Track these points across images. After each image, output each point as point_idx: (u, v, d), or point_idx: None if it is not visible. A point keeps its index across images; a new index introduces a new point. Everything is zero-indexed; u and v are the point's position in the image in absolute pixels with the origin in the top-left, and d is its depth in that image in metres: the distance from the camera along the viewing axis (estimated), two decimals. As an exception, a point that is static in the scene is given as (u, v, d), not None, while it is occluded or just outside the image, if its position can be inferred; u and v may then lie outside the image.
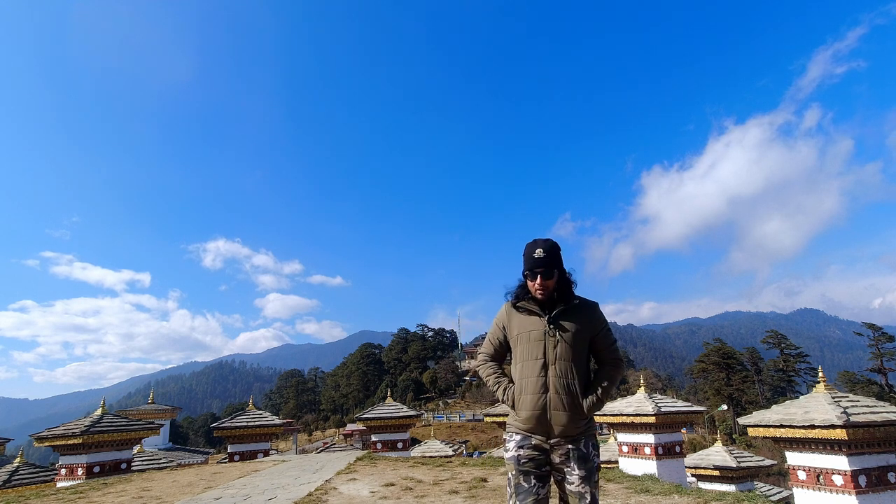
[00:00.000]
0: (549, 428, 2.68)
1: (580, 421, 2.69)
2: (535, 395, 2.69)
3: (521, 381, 2.77)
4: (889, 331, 59.15)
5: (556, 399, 2.66)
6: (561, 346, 2.72)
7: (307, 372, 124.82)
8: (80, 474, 10.56)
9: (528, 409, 2.70)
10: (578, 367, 2.73)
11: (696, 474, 14.59)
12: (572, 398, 2.67)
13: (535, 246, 2.81)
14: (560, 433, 2.68)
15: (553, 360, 2.71)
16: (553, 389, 2.67)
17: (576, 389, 2.68)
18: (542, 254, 2.76)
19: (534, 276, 2.76)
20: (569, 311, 2.79)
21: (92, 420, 11.22)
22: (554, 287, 2.79)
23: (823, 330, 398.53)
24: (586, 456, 2.68)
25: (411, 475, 7.41)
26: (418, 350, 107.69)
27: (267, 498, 6.15)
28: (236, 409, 77.36)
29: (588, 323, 2.80)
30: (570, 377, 2.69)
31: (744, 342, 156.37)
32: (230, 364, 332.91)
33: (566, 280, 2.86)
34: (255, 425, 13.56)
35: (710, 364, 71.59)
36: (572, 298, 2.84)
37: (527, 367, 2.76)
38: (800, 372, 70.75)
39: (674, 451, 11.70)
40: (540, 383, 2.69)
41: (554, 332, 2.74)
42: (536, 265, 2.75)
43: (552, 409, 2.66)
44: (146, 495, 6.86)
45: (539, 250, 2.77)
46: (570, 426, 2.67)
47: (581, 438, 2.70)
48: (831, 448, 7.90)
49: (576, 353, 2.73)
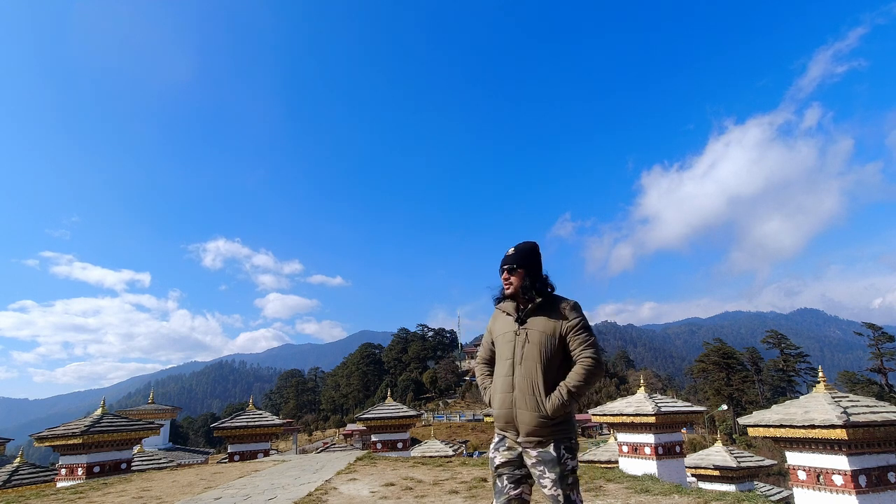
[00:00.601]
0: (515, 425, 2.71)
1: (545, 421, 2.64)
2: (503, 393, 2.76)
3: (494, 380, 2.88)
4: (889, 331, 59.17)
5: (521, 398, 2.68)
6: (528, 346, 2.74)
7: (307, 372, 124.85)
8: (80, 474, 10.55)
9: (496, 407, 2.79)
10: (547, 366, 2.70)
11: (696, 474, 14.59)
12: (535, 398, 2.66)
13: (510, 248, 2.97)
14: (526, 433, 2.67)
15: (520, 360, 2.74)
16: (518, 388, 2.70)
17: (539, 389, 2.66)
18: (511, 251, 2.91)
19: (502, 271, 2.90)
20: (536, 311, 2.82)
21: (92, 420, 11.22)
22: (521, 284, 2.84)
23: (823, 330, 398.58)
24: (556, 459, 2.63)
25: (411, 475, 7.41)
26: (418, 350, 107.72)
27: (267, 498, 6.15)
28: (236, 409, 77.35)
29: (555, 321, 2.77)
30: (534, 376, 2.68)
31: (744, 342, 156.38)
32: (230, 364, 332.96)
33: (536, 280, 2.87)
34: (255, 425, 13.55)
35: (710, 364, 71.62)
36: (538, 297, 2.84)
37: (500, 366, 2.86)
38: (800, 372, 70.79)
39: (674, 451, 11.70)
40: (508, 382, 2.75)
41: (522, 331, 2.79)
42: (503, 262, 2.91)
43: (517, 409, 2.69)
44: (146, 495, 6.86)
45: (511, 249, 2.93)
46: (534, 426, 2.65)
47: (550, 442, 2.66)
48: (831, 448, 7.89)
49: (543, 353, 2.72)
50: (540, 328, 2.76)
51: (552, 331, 2.75)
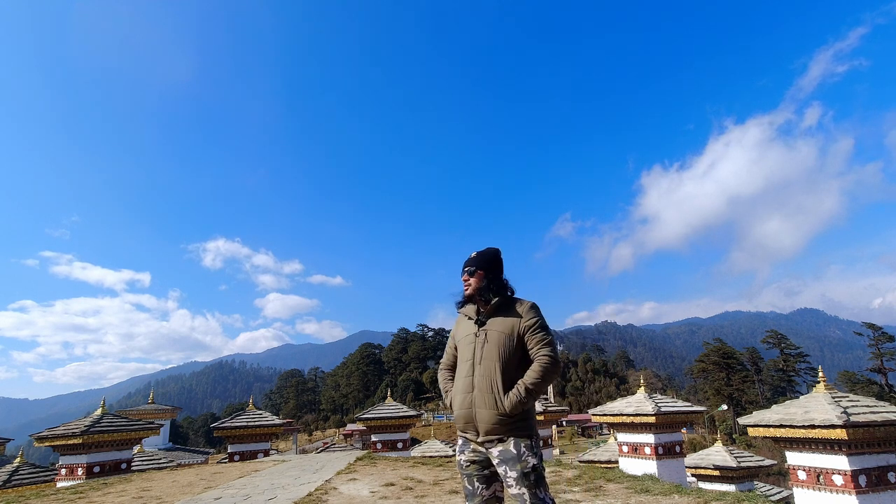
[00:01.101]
0: (475, 426, 2.76)
1: (503, 418, 2.69)
2: (463, 394, 2.83)
3: (455, 382, 2.96)
4: (889, 331, 59.19)
5: (480, 397, 2.74)
6: (487, 346, 2.81)
7: (307, 372, 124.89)
8: (80, 474, 10.55)
9: (457, 408, 2.85)
10: (505, 366, 2.76)
11: (696, 474, 14.59)
12: (493, 396, 2.71)
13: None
14: (485, 431, 2.72)
15: (479, 360, 2.81)
16: (477, 388, 2.76)
17: (498, 388, 2.71)
18: (473, 255, 3.03)
19: (463, 274, 3.00)
20: (495, 312, 2.90)
21: (92, 420, 11.22)
22: (479, 285, 2.92)
23: (823, 330, 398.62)
24: (517, 457, 2.67)
25: (411, 475, 7.41)
26: (418, 350, 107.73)
27: (267, 498, 6.15)
28: (236, 409, 77.34)
29: (513, 321, 2.84)
30: (492, 375, 2.74)
31: (744, 342, 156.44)
32: (230, 364, 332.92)
33: (494, 282, 2.95)
34: (255, 425, 13.55)
35: (710, 364, 71.66)
36: (494, 298, 2.92)
37: (460, 369, 2.94)
38: (800, 372, 70.81)
39: (674, 451, 11.70)
40: (468, 383, 2.82)
41: (481, 332, 2.87)
42: (464, 265, 3.02)
43: (476, 408, 2.75)
44: (146, 495, 6.86)
45: (473, 253, 3.04)
46: (493, 424, 2.70)
47: (510, 439, 2.70)
48: (831, 448, 7.89)
49: (501, 353, 2.78)
50: (498, 328, 2.83)
51: (510, 330, 2.82)
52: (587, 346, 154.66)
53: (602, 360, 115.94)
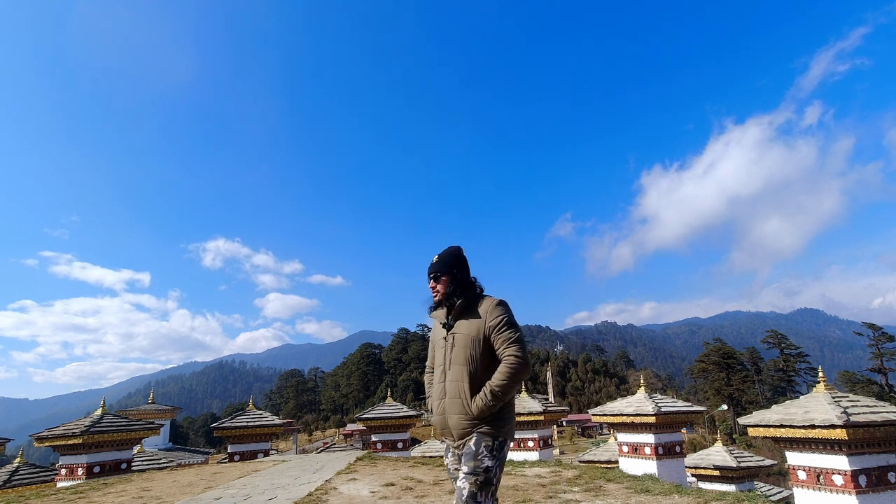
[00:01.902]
0: (450, 430, 2.77)
1: (473, 423, 2.68)
2: (437, 400, 2.83)
3: (430, 388, 2.97)
4: (889, 331, 59.19)
5: (450, 404, 2.73)
6: (455, 351, 2.77)
7: (307, 372, 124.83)
8: (81, 474, 10.55)
9: (434, 413, 2.86)
10: (473, 369, 2.71)
11: (696, 474, 14.59)
12: (462, 401, 2.69)
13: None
14: (458, 436, 2.73)
15: (449, 366, 2.78)
16: (448, 394, 2.75)
17: (465, 393, 2.68)
18: (435, 259, 2.93)
19: (429, 281, 2.94)
20: (459, 314, 2.84)
21: (92, 420, 11.22)
22: (447, 291, 2.87)
23: (823, 330, 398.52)
24: (473, 454, 2.62)
25: (411, 475, 7.41)
26: (418, 350, 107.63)
27: (267, 498, 6.15)
28: (236, 409, 77.34)
29: (475, 323, 2.77)
30: (460, 380, 2.71)
31: (744, 342, 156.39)
32: (230, 364, 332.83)
33: (460, 284, 2.89)
34: (256, 425, 13.55)
35: (710, 364, 71.64)
36: (459, 300, 2.85)
37: (435, 374, 2.93)
38: (800, 372, 70.78)
39: (674, 451, 11.70)
40: (440, 389, 2.81)
41: (450, 337, 2.82)
42: (429, 271, 2.94)
43: (448, 414, 2.74)
44: (146, 495, 6.86)
45: (435, 257, 2.94)
46: (463, 430, 2.70)
47: (472, 437, 2.67)
48: (831, 448, 7.89)
49: (469, 356, 2.72)
50: (464, 331, 2.78)
51: (475, 332, 2.74)
52: (587, 346, 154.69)
53: (602, 360, 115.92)
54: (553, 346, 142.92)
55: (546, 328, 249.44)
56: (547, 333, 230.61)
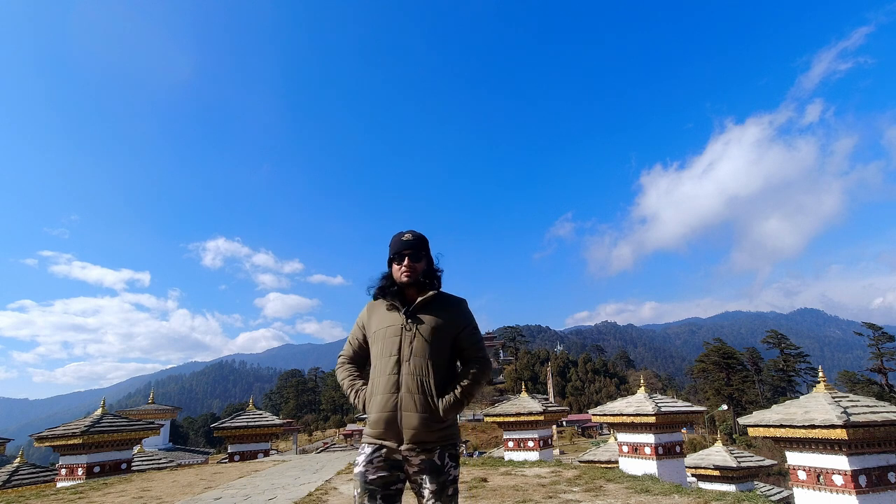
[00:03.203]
0: (399, 432, 2.36)
1: (435, 424, 2.37)
2: (385, 394, 2.39)
3: (373, 380, 2.48)
4: (889, 331, 59.23)
5: (409, 399, 2.36)
6: (417, 342, 2.43)
7: (307, 372, 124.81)
8: (81, 474, 10.56)
9: (377, 410, 2.40)
10: (437, 364, 2.43)
11: (696, 474, 14.59)
12: (426, 397, 2.36)
13: (401, 233, 2.63)
14: (412, 438, 2.35)
15: (408, 357, 2.41)
16: (405, 388, 2.37)
17: (430, 388, 2.38)
18: (410, 237, 2.58)
19: (401, 258, 2.54)
20: (430, 305, 2.52)
21: (92, 420, 11.23)
22: (421, 272, 2.54)
23: (823, 330, 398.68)
24: (440, 468, 2.36)
25: (411, 475, 7.39)
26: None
27: (267, 498, 6.15)
28: (236, 409, 77.37)
29: (450, 318, 2.52)
30: (424, 374, 2.39)
31: (744, 342, 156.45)
32: (230, 364, 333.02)
33: (433, 271, 2.61)
34: (255, 425, 13.56)
35: (710, 364, 71.62)
36: (434, 289, 2.58)
37: (381, 365, 2.47)
38: (800, 372, 70.80)
39: (674, 451, 11.71)
40: (392, 381, 2.40)
41: (411, 325, 2.46)
42: (405, 247, 2.55)
43: (403, 410, 2.36)
44: (146, 495, 6.86)
45: (408, 234, 2.60)
46: (423, 430, 2.35)
47: (436, 448, 2.38)
48: (831, 448, 7.90)
49: (434, 350, 2.44)
50: (433, 324, 2.47)
51: (445, 328, 2.49)
52: (587, 346, 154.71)
53: (602, 360, 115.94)
54: (553, 346, 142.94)
55: (546, 328, 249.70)
56: (547, 333, 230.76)
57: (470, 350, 2.56)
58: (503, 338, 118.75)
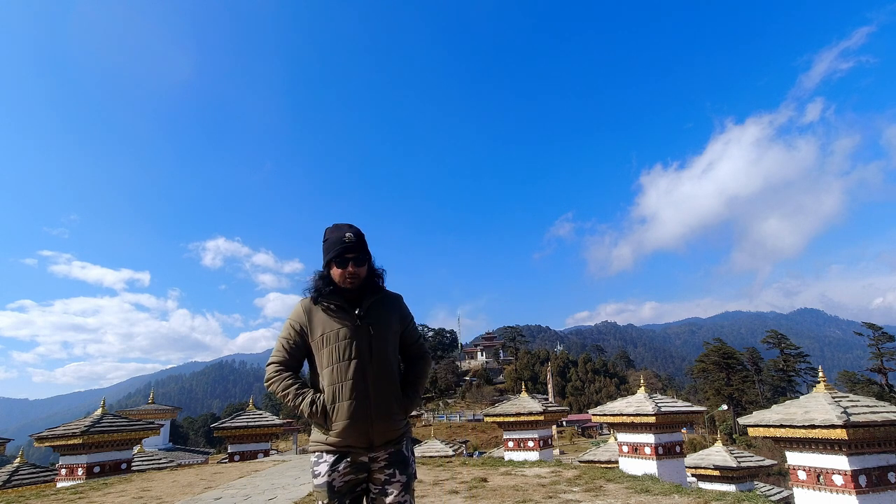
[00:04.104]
0: (370, 437, 2.31)
1: (402, 423, 2.43)
2: (352, 400, 2.29)
3: (332, 387, 2.32)
4: (889, 331, 59.25)
5: (382, 405, 2.33)
6: (377, 344, 2.37)
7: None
8: (81, 474, 10.57)
9: (344, 417, 2.28)
10: (395, 365, 2.48)
11: (696, 474, 14.60)
12: (395, 400, 2.39)
13: (340, 230, 2.44)
14: (382, 441, 2.34)
15: (369, 360, 2.34)
16: (376, 393, 2.32)
17: (398, 389, 2.42)
18: (352, 238, 2.40)
19: (344, 262, 2.38)
20: (379, 304, 2.47)
21: (92, 420, 11.24)
22: (365, 275, 2.45)
23: (823, 330, 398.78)
24: (406, 460, 2.40)
25: (411, 475, 7.40)
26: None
27: (267, 498, 6.16)
28: (236, 409, 77.35)
29: (398, 316, 2.53)
30: (391, 378, 2.39)
31: (744, 342, 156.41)
32: (230, 364, 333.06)
33: (375, 270, 2.53)
34: (256, 425, 13.57)
35: (710, 364, 71.63)
36: (381, 289, 2.53)
37: (339, 370, 2.33)
38: (800, 372, 70.80)
39: (674, 451, 11.71)
40: (359, 388, 2.30)
41: (364, 328, 2.37)
42: (348, 250, 2.38)
43: (375, 415, 2.31)
44: (146, 495, 6.87)
45: (349, 234, 2.40)
46: (392, 430, 2.37)
47: (402, 441, 2.42)
48: (831, 448, 7.90)
49: (392, 350, 2.46)
50: (386, 323, 2.45)
51: (396, 325, 2.51)
52: (587, 346, 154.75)
53: (602, 360, 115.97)
54: (553, 346, 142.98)
55: (546, 328, 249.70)
56: (547, 333, 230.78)
57: (414, 346, 2.60)
58: (503, 338, 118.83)
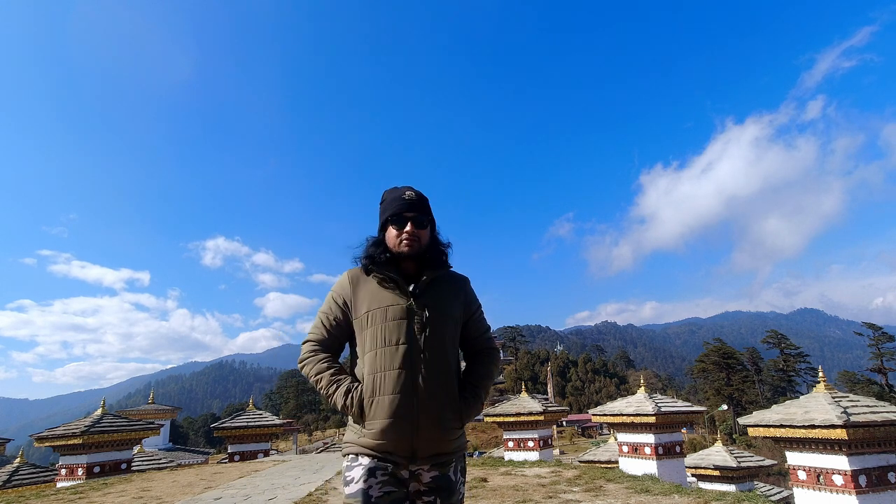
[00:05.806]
0: (413, 444, 1.84)
1: (455, 434, 1.92)
2: (395, 395, 1.83)
3: (373, 376, 1.87)
4: (889, 331, 59.22)
5: (432, 405, 1.85)
6: (432, 330, 1.90)
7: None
8: (81, 474, 10.56)
9: (385, 415, 1.83)
10: (453, 358, 1.98)
11: (696, 474, 14.59)
12: (450, 402, 1.90)
13: (399, 189, 2.04)
14: (429, 452, 1.86)
15: (422, 349, 1.87)
16: (425, 390, 1.85)
17: (454, 390, 1.93)
18: (413, 196, 1.99)
19: (402, 221, 1.96)
20: (440, 283, 2.01)
21: (92, 420, 11.23)
22: (427, 242, 2.01)
23: (823, 330, 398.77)
24: (453, 486, 1.89)
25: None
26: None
27: (267, 498, 6.16)
28: (236, 409, 77.33)
29: (463, 300, 2.06)
30: (446, 373, 1.91)
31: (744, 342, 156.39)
32: (230, 364, 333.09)
33: (440, 241, 2.09)
34: (255, 425, 13.56)
35: (710, 364, 71.61)
36: (445, 266, 2.07)
37: (383, 356, 1.87)
38: (800, 372, 70.78)
39: (674, 451, 11.70)
40: (404, 379, 1.84)
41: (422, 308, 1.91)
42: (408, 208, 1.96)
43: (423, 419, 1.84)
44: (146, 495, 6.87)
45: (409, 192, 2.00)
46: (444, 442, 1.88)
47: (451, 462, 1.92)
48: (831, 448, 7.90)
49: (451, 340, 1.97)
50: (447, 308, 1.97)
51: (458, 313, 2.03)
52: (587, 346, 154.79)
53: (602, 360, 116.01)
54: (553, 346, 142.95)
55: (546, 328, 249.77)
56: (547, 333, 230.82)
57: (480, 339, 2.11)
58: (503, 338, 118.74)
